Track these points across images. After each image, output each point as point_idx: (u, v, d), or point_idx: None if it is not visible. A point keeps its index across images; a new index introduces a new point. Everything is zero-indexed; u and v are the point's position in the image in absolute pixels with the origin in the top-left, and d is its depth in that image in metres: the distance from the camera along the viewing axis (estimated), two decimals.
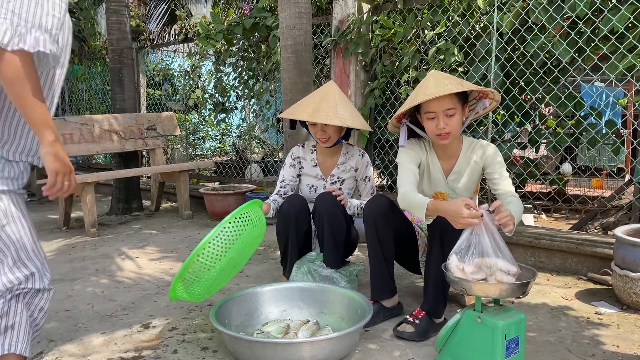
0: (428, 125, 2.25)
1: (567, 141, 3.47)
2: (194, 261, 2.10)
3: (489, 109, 2.41)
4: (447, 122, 2.19)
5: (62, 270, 3.37)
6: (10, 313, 1.56)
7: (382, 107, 4.22)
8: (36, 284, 1.64)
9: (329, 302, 2.40)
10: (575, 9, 3.12)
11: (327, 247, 2.63)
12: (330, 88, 2.77)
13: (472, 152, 2.37)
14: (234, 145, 6.87)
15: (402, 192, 2.22)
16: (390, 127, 2.48)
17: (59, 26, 1.41)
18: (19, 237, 1.57)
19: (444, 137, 2.23)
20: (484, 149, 2.35)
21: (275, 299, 2.44)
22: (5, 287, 1.55)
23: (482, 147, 2.36)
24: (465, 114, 2.30)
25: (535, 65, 3.39)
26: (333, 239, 2.61)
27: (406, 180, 2.28)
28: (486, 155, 2.33)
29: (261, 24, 4.88)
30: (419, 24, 3.87)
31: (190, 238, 4.27)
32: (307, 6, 3.53)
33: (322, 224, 2.62)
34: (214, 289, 2.32)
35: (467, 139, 2.41)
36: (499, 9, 3.47)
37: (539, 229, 3.46)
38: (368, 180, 2.90)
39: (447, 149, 2.37)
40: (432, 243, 2.27)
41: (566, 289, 2.92)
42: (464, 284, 1.84)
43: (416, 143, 2.41)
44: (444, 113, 2.18)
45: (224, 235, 2.15)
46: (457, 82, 2.21)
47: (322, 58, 4.79)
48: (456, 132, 2.25)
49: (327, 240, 2.62)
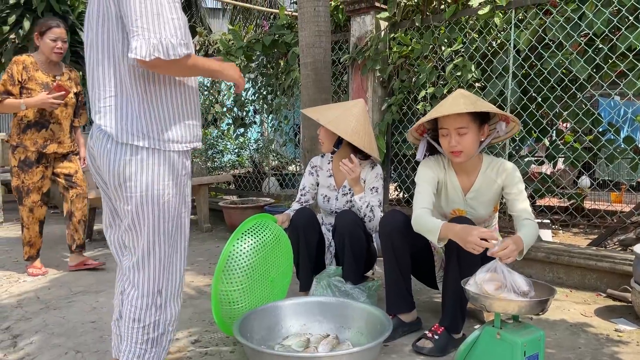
0: (442, 142, 2.31)
1: (585, 157, 3.47)
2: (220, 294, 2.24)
3: (511, 133, 2.43)
4: (459, 140, 2.23)
5: (87, 282, 3.45)
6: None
7: (400, 122, 4.27)
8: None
9: (349, 316, 2.43)
10: (592, 27, 3.15)
11: (347, 263, 2.67)
12: (354, 102, 2.89)
13: (492, 171, 2.39)
14: (251, 159, 6.96)
15: (416, 215, 2.28)
16: (410, 139, 2.53)
17: (180, 25, 1.55)
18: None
19: (456, 154, 2.27)
20: (504, 169, 2.37)
21: (295, 313, 2.48)
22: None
23: (502, 167, 2.38)
24: (483, 134, 2.32)
25: (553, 82, 3.41)
26: (353, 256, 2.66)
27: (421, 202, 2.32)
28: (506, 175, 2.35)
29: (280, 41, 4.98)
30: (436, 41, 3.92)
31: (210, 251, 4.34)
32: (327, 25, 3.60)
33: (342, 241, 2.67)
34: (271, 299, 2.48)
35: (487, 157, 2.44)
36: (516, 26, 3.51)
37: (557, 244, 3.46)
38: (376, 191, 2.86)
39: (466, 166, 2.40)
40: (449, 259, 2.30)
41: (585, 305, 2.92)
42: (483, 300, 1.87)
43: (435, 160, 2.45)
44: (456, 131, 2.23)
45: (235, 257, 2.30)
46: (472, 101, 2.24)
47: (340, 74, 4.86)
48: (469, 151, 2.27)
49: (347, 257, 2.66)
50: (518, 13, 3.53)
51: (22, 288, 3.35)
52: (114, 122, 1.60)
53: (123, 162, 1.60)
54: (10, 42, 6.75)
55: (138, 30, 1.47)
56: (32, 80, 3.46)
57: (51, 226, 5.62)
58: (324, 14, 3.59)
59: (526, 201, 2.32)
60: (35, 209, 3.62)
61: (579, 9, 3.23)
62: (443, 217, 2.52)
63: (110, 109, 1.61)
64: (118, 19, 1.57)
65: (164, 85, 1.65)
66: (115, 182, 1.62)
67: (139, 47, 1.46)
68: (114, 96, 1.61)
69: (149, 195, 1.62)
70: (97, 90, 1.64)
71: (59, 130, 3.61)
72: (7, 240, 4.95)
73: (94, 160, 1.74)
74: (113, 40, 1.60)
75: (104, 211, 1.88)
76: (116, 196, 1.66)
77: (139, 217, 1.63)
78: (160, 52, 1.48)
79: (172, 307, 1.74)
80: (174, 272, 1.73)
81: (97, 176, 1.79)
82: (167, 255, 1.70)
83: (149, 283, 1.67)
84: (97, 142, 1.66)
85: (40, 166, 3.58)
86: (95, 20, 1.64)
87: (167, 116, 1.65)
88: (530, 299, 1.84)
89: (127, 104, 1.60)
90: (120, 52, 1.59)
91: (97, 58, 1.63)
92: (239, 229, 2.41)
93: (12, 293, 3.24)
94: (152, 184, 1.62)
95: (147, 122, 1.61)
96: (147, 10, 1.48)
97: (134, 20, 1.47)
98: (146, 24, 1.47)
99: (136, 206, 1.62)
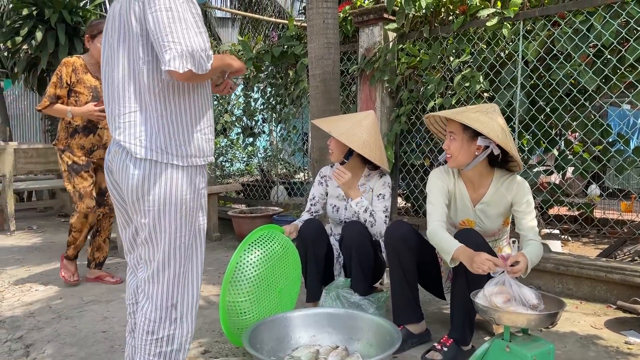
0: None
1: (595, 168, 3.47)
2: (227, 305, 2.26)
3: (516, 168, 2.42)
4: (449, 144, 2.34)
5: (97, 292, 3.48)
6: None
7: (408, 132, 4.28)
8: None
9: (358, 328, 2.44)
10: (600, 38, 3.16)
11: (355, 275, 2.69)
12: (365, 114, 2.92)
13: (503, 185, 2.40)
14: (260, 167, 7.00)
15: (430, 230, 2.33)
16: (442, 137, 2.59)
17: (206, 39, 1.63)
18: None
19: (447, 158, 2.37)
20: (515, 184, 2.37)
21: (304, 324, 2.50)
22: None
23: (513, 182, 2.39)
24: (479, 149, 2.31)
25: (561, 93, 3.42)
26: (360, 267, 2.67)
27: (434, 215, 2.36)
28: (516, 192, 2.36)
29: (289, 52, 5.02)
30: (444, 52, 3.94)
31: (219, 260, 4.36)
32: (335, 37, 3.64)
33: (350, 253, 2.68)
34: (278, 311, 2.52)
35: (499, 171, 2.44)
36: (524, 37, 3.52)
37: (567, 255, 3.45)
38: (382, 197, 2.88)
39: (473, 178, 2.42)
40: (457, 272, 2.31)
41: (595, 317, 2.90)
42: (492, 313, 1.87)
43: (445, 169, 2.49)
44: (449, 135, 2.34)
45: (242, 268, 2.32)
46: (467, 112, 2.30)
47: (349, 84, 4.89)
48: (457, 158, 2.33)
49: (354, 268, 2.68)
50: (526, 24, 3.55)
51: (34, 297, 3.39)
52: (134, 137, 1.63)
53: (142, 176, 1.63)
54: (23, 52, 6.86)
55: (170, 45, 1.53)
56: (80, 83, 3.44)
57: (62, 235, 5.67)
58: (333, 26, 3.62)
59: (534, 220, 2.32)
60: (89, 215, 3.48)
61: (587, 20, 3.24)
62: (452, 227, 2.54)
63: (130, 125, 1.64)
64: (139, 37, 1.61)
65: (183, 102, 1.69)
66: (133, 196, 1.65)
67: (172, 59, 1.52)
68: (133, 112, 1.65)
69: (166, 209, 1.65)
70: (116, 106, 1.68)
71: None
72: (19, 249, 5.00)
73: (112, 174, 1.77)
74: (134, 58, 1.64)
75: (124, 238, 1.90)
76: (134, 210, 1.68)
77: (156, 230, 1.66)
78: (193, 65, 1.55)
79: (188, 323, 1.76)
80: (190, 286, 1.75)
81: (114, 191, 1.82)
82: (183, 268, 1.72)
83: (163, 296, 1.69)
84: (115, 157, 1.70)
85: (90, 170, 3.53)
86: (115, 37, 1.68)
87: (185, 132, 1.69)
88: (539, 312, 1.85)
89: (147, 120, 1.64)
90: (140, 69, 1.63)
91: (117, 75, 1.67)
92: (245, 240, 2.44)
93: (25, 302, 3.28)
94: (170, 197, 1.65)
95: (166, 137, 1.64)
96: (175, 26, 1.55)
97: (164, 35, 1.54)
98: (177, 38, 1.54)
99: (154, 219, 1.65)
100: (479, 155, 2.33)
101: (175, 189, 1.66)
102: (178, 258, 1.70)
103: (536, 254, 2.18)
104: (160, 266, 1.69)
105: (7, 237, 5.60)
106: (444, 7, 3.95)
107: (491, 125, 2.23)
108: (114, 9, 1.72)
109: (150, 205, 1.64)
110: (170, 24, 1.55)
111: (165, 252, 1.68)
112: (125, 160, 1.65)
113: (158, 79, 1.64)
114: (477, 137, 2.29)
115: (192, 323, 1.79)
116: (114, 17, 1.70)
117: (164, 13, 1.55)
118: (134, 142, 1.63)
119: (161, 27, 1.54)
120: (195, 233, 1.75)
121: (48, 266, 4.24)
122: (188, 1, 1.61)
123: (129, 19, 1.63)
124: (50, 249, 4.96)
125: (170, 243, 1.68)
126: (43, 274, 3.98)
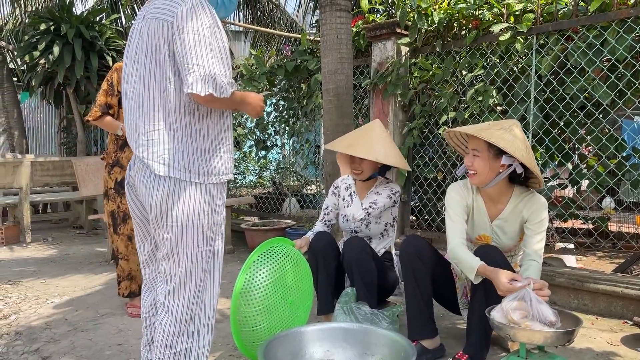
0: (465, 160, 2.40)
1: (610, 182, 3.45)
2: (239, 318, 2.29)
3: (537, 185, 2.41)
4: (472, 161, 2.32)
5: (113, 304, 3.51)
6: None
7: (421, 146, 4.29)
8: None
9: (372, 343, 2.43)
10: (614, 53, 3.16)
11: (358, 290, 2.71)
12: (373, 125, 2.96)
13: (522, 202, 2.39)
14: (272, 179, 7.04)
15: (452, 247, 2.33)
16: (461, 152, 2.60)
17: (229, 65, 1.69)
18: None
19: (471, 175, 2.35)
20: (533, 203, 2.36)
21: (319, 339, 2.49)
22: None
23: (531, 200, 2.37)
24: (504, 166, 2.30)
25: (575, 107, 3.41)
26: (363, 283, 2.69)
27: (454, 232, 2.36)
28: (532, 210, 2.35)
29: (302, 67, 5.06)
30: (457, 66, 3.96)
31: (232, 273, 4.37)
32: (349, 51, 3.67)
33: (351, 270, 2.72)
34: (291, 324, 2.52)
35: (519, 188, 2.43)
36: (538, 52, 3.53)
37: (582, 270, 3.42)
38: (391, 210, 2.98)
39: (492, 194, 2.42)
40: (476, 288, 2.30)
41: (611, 333, 2.88)
42: (508, 330, 1.87)
43: (464, 184, 2.49)
44: (472, 152, 2.32)
45: (251, 282, 2.36)
46: (490, 129, 2.28)
47: (361, 98, 4.91)
48: (482, 176, 2.31)
49: (357, 284, 2.71)
50: (539, 39, 3.55)
51: (50, 309, 3.42)
52: (157, 155, 1.67)
53: (166, 193, 1.66)
54: (40, 66, 6.98)
55: (194, 68, 1.58)
56: None
57: (77, 246, 5.73)
58: (346, 41, 3.65)
59: (542, 242, 2.31)
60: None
61: (601, 35, 3.24)
62: (468, 242, 2.54)
63: (154, 143, 1.68)
64: (167, 58, 1.66)
65: (207, 122, 1.74)
66: (157, 212, 1.68)
67: (194, 82, 1.57)
68: (157, 130, 1.69)
69: (189, 225, 1.69)
70: (140, 124, 1.71)
71: None
72: (35, 260, 5.06)
73: (133, 189, 1.80)
74: (161, 78, 1.68)
75: (142, 252, 1.93)
76: (156, 225, 1.72)
77: (177, 246, 1.69)
78: (214, 89, 1.60)
79: (205, 336, 1.78)
80: (208, 300, 1.78)
81: (134, 206, 1.85)
82: (203, 283, 1.75)
83: (183, 310, 1.72)
84: (138, 173, 1.73)
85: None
86: (142, 57, 1.72)
87: (208, 151, 1.73)
88: (556, 330, 1.84)
89: (171, 139, 1.68)
90: (167, 89, 1.67)
91: (143, 93, 1.71)
92: (253, 254, 2.46)
93: (41, 314, 3.32)
94: (192, 214, 1.69)
95: (189, 156, 1.68)
96: (201, 49, 1.60)
97: (189, 58, 1.59)
98: (201, 62, 1.58)
99: (176, 235, 1.68)
100: (502, 173, 2.32)
101: (196, 206, 1.69)
102: (199, 272, 1.73)
103: (537, 277, 2.21)
104: (182, 281, 1.71)
105: (23, 249, 5.67)
106: (456, 22, 3.97)
107: (515, 143, 2.22)
108: (140, 29, 1.76)
109: (173, 221, 1.67)
110: (196, 47, 1.60)
111: (187, 267, 1.71)
112: (148, 177, 1.68)
113: (184, 100, 1.69)
114: (501, 155, 2.28)
115: (210, 336, 1.81)
116: (140, 36, 1.74)
117: (190, 36, 1.60)
118: (157, 160, 1.66)
119: (187, 50, 1.59)
120: (215, 248, 1.78)
121: (64, 278, 4.29)
122: (215, 27, 1.66)
123: (157, 40, 1.67)
124: (65, 260, 5.01)
125: (192, 258, 1.71)
126: (59, 286, 4.03)
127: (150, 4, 1.77)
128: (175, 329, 1.71)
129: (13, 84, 8.37)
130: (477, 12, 3.78)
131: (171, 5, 1.67)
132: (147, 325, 1.96)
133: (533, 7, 3.55)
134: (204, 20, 1.64)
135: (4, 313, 3.35)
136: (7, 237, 5.96)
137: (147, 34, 1.70)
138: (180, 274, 1.71)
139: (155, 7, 1.72)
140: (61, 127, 9.11)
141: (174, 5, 1.66)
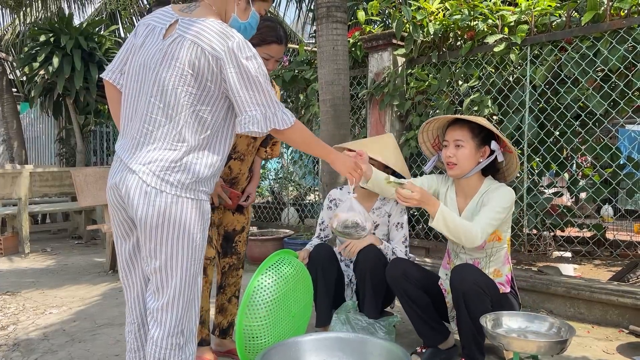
0: (443, 153, 2.42)
1: (605, 192, 3.47)
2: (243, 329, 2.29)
3: (512, 169, 2.46)
4: (454, 152, 2.34)
5: (111, 315, 3.52)
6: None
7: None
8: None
9: (368, 353, 2.44)
10: (607, 63, 3.20)
11: (367, 298, 2.70)
12: (386, 136, 3.02)
13: (487, 193, 2.39)
14: (271, 189, 7.05)
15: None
16: (425, 151, 2.66)
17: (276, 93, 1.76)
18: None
19: (451, 167, 2.37)
20: (498, 191, 2.35)
21: (315, 349, 2.50)
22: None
23: (498, 189, 2.36)
24: (483, 156, 2.36)
25: (570, 117, 3.45)
26: (373, 292, 2.69)
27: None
28: (494, 196, 2.32)
29: (300, 77, 5.10)
30: (452, 76, 3.99)
31: None
32: (345, 63, 3.71)
33: (364, 277, 2.70)
34: (292, 334, 2.53)
35: (489, 180, 2.45)
36: (532, 62, 3.57)
37: (578, 279, 3.44)
38: (400, 227, 2.89)
39: (464, 187, 2.46)
40: (459, 306, 2.31)
41: (607, 342, 2.89)
42: (502, 339, 1.89)
43: (443, 176, 2.58)
44: (454, 143, 2.35)
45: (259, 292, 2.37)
46: (478, 118, 2.36)
47: (358, 108, 4.95)
48: (463, 166, 2.34)
49: (367, 293, 2.69)
50: (533, 49, 3.60)
51: (48, 320, 3.43)
52: (154, 168, 1.65)
53: (163, 205, 1.64)
54: (40, 77, 7.02)
55: (252, 107, 1.66)
56: None
57: (75, 257, 5.74)
58: (343, 53, 3.69)
59: (487, 219, 2.26)
60: (208, 269, 2.55)
61: (594, 45, 3.28)
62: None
63: (151, 156, 1.66)
64: (195, 81, 1.65)
65: (214, 141, 1.76)
66: (152, 222, 1.65)
67: (256, 122, 1.66)
68: (157, 143, 1.67)
69: (184, 239, 1.68)
70: (137, 135, 1.69)
71: (239, 168, 2.62)
72: (33, 271, 5.06)
73: (120, 198, 1.74)
74: (180, 97, 1.66)
75: (121, 252, 1.87)
76: (148, 237, 1.68)
77: (172, 260, 1.68)
78: (276, 124, 1.69)
79: (191, 346, 1.78)
80: (193, 312, 1.78)
81: (117, 211, 1.79)
82: (192, 295, 1.75)
83: (175, 323, 1.72)
84: (132, 184, 1.67)
85: (215, 211, 2.58)
86: (164, 70, 1.67)
87: (205, 170, 1.72)
88: (549, 340, 1.85)
89: (170, 154, 1.66)
90: (184, 107, 1.66)
91: (153, 105, 1.68)
92: (262, 265, 2.45)
93: (39, 325, 3.32)
94: (186, 228, 1.68)
95: (185, 173, 1.66)
96: (256, 86, 1.67)
97: (248, 98, 1.66)
98: (258, 99, 1.66)
99: (170, 248, 1.68)
100: (483, 162, 2.37)
101: (191, 220, 1.69)
102: (191, 285, 1.74)
103: (461, 225, 2.18)
104: (175, 294, 1.71)
105: (22, 260, 5.67)
106: (452, 33, 4.02)
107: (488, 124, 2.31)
108: (163, 43, 1.70)
109: (167, 235, 1.67)
110: (254, 86, 1.66)
111: (180, 281, 1.71)
112: (145, 188, 1.66)
113: (200, 121, 1.69)
114: (484, 145, 2.35)
115: (194, 346, 1.81)
116: (164, 50, 1.68)
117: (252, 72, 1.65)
118: (152, 173, 1.65)
119: (239, 87, 1.65)
120: (202, 261, 1.79)
121: (62, 289, 4.30)
122: (259, 59, 1.70)
123: (189, 60, 1.64)
124: (64, 271, 5.02)
125: (184, 272, 1.71)
126: (57, 297, 4.03)
127: (181, 14, 1.73)
128: (168, 342, 1.72)
129: (12, 94, 8.42)
130: (472, 23, 3.82)
131: (217, 39, 1.65)
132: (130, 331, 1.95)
133: (527, 18, 3.60)
134: (259, 59, 1.68)
135: (2, 324, 3.36)
136: (5, 247, 5.96)
137: (179, 52, 1.66)
138: (175, 286, 1.71)
139: (195, 31, 1.67)
140: (58, 138, 9.14)
141: (221, 39, 1.65)
